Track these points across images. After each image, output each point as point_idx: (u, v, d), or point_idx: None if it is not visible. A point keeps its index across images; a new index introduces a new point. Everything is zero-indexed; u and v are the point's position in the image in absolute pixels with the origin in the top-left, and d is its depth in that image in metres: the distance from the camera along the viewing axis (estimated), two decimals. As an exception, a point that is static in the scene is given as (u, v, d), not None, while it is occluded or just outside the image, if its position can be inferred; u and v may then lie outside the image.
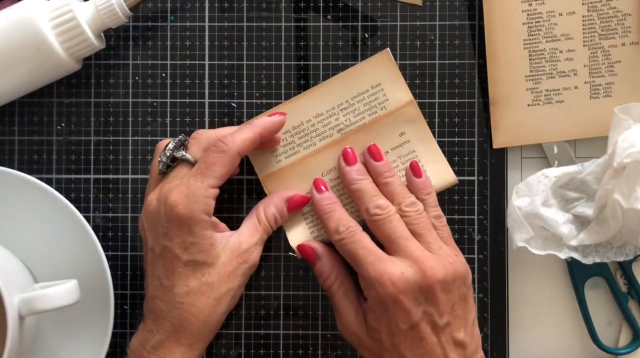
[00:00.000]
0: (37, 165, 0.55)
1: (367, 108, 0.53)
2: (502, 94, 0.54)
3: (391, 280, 0.46)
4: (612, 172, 0.49)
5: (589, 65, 0.53)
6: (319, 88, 0.53)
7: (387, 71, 0.53)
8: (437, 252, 0.48)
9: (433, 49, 0.54)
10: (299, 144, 0.53)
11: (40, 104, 0.55)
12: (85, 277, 0.51)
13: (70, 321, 0.53)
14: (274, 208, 0.51)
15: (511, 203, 0.51)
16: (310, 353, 0.54)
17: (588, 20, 0.53)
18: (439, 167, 0.53)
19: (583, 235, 0.51)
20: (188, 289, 0.47)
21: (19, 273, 0.51)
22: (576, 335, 0.55)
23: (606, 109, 0.53)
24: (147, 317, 0.49)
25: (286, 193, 0.52)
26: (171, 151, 0.49)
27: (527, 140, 0.54)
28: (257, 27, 0.54)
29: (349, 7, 0.54)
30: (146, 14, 0.55)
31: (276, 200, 0.51)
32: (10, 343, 0.45)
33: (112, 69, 0.55)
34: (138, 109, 0.55)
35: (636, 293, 0.53)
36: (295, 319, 0.54)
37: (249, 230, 0.50)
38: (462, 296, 0.48)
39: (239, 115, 0.54)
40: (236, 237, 0.49)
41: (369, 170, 0.51)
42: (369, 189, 0.50)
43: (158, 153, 0.50)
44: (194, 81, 0.55)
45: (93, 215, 0.55)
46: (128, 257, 0.55)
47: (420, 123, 0.53)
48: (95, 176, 0.55)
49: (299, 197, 0.52)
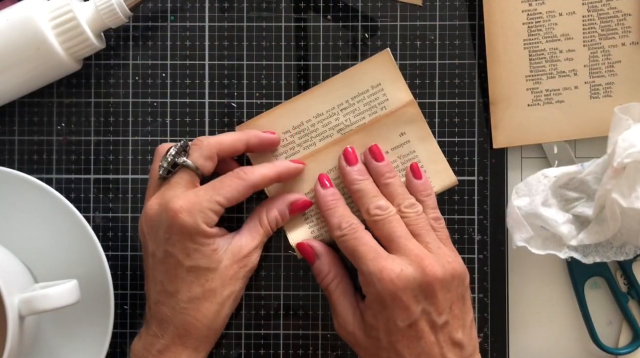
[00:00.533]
0: (37, 165, 0.55)
1: (367, 108, 0.53)
2: (502, 94, 0.54)
3: (390, 276, 0.46)
4: (612, 172, 0.49)
5: (589, 65, 0.53)
6: (319, 88, 0.53)
7: (387, 71, 0.53)
8: (436, 251, 0.48)
9: (433, 49, 0.54)
10: (299, 143, 0.53)
11: (40, 104, 0.55)
12: (85, 277, 0.51)
13: (70, 321, 0.53)
14: (277, 211, 0.51)
15: (511, 203, 0.51)
16: (310, 353, 0.54)
17: (588, 20, 0.53)
18: (439, 167, 0.53)
19: (583, 235, 0.51)
20: (192, 295, 0.48)
21: (19, 273, 0.51)
22: (576, 335, 0.55)
23: (606, 109, 0.53)
24: (150, 321, 0.49)
25: (289, 196, 0.52)
26: (172, 157, 0.49)
27: (527, 140, 0.54)
28: (257, 27, 0.54)
29: (349, 7, 0.54)
30: (146, 14, 0.55)
31: (279, 204, 0.51)
32: (10, 343, 0.45)
33: (112, 69, 0.55)
34: (138, 109, 0.55)
35: (636, 293, 0.53)
36: (295, 319, 0.54)
37: (250, 233, 0.50)
38: (460, 296, 0.48)
39: (239, 115, 0.54)
40: (237, 240, 0.50)
41: (370, 170, 0.51)
42: (369, 190, 0.50)
43: (158, 158, 0.50)
44: (194, 81, 0.55)
45: (93, 215, 0.55)
46: (128, 257, 0.55)
47: (420, 123, 0.53)
48: (95, 176, 0.55)
49: (302, 201, 0.52)
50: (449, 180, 0.53)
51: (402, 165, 0.53)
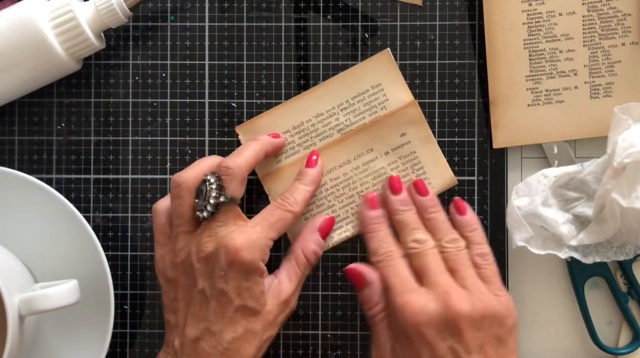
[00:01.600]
0: (37, 165, 0.55)
1: (367, 108, 0.53)
2: (502, 94, 0.54)
3: (413, 311, 0.45)
4: (611, 171, 0.49)
5: (589, 65, 0.53)
6: (319, 88, 0.53)
7: (387, 71, 0.53)
8: (470, 288, 0.46)
9: (433, 49, 0.54)
10: (299, 143, 0.53)
11: (40, 104, 0.55)
12: (85, 277, 0.51)
13: (70, 321, 0.53)
14: (313, 245, 0.51)
15: (511, 203, 0.51)
16: (310, 353, 0.54)
17: (588, 20, 0.53)
18: (439, 168, 0.53)
19: (583, 235, 0.51)
20: (235, 335, 0.47)
21: (19, 273, 0.51)
22: (576, 335, 0.55)
23: (606, 109, 0.53)
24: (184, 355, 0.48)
25: (314, 224, 0.52)
26: (216, 199, 0.47)
27: (527, 140, 0.54)
28: (257, 27, 0.54)
29: (349, 7, 0.54)
30: (146, 14, 0.55)
31: (310, 236, 0.51)
32: (10, 343, 0.45)
33: (112, 69, 0.55)
34: (138, 109, 0.55)
35: (636, 293, 0.53)
36: (295, 319, 0.54)
37: (288, 276, 0.50)
38: (496, 337, 0.46)
39: (239, 115, 0.54)
40: (277, 285, 0.49)
41: (415, 204, 0.50)
42: (410, 221, 0.49)
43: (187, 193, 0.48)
44: (194, 81, 0.55)
45: (93, 215, 0.55)
46: (128, 257, 0.55)
47: (421, 124, 0.53)
48: (95, 176, 0.55)
49: (326, 221, 0.52)
50: (449, 180, 0.53)
51: (403, 165, 0.53)
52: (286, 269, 0.50)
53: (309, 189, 0.51)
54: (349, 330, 0.55)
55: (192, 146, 0.55)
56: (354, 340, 0.55)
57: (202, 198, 0.48)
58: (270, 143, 0.52)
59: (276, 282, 0.49)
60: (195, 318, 0.48)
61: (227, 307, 0.47)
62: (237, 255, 0.46)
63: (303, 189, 0.51)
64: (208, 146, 0.55)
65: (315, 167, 0.52)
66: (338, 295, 0.54)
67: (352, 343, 0.55)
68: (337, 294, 0.54)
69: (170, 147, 0.55)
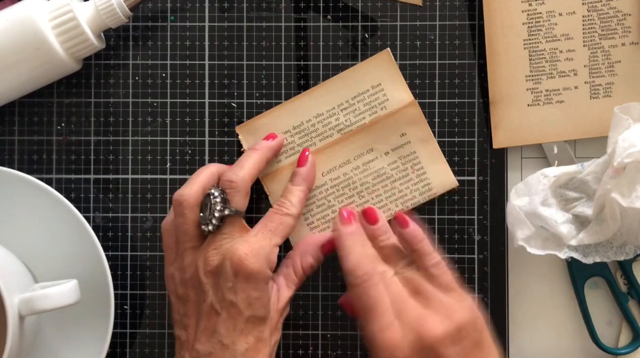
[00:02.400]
0: (37, 165, 0.55)
1: (367, 108, 0.53)
2: (502, 94, 0.54)
3: (389, 347, 0.45)
4: (612, 171, 0.49)
5: (589, 65, 0.53)
6: (319, 88, 0.53)
7: (387, 71, 0.53)
8: (437, 307, 0.46)
9: (433, 49, 0.54)
10: (299, 143, 0.53)
11: (40, 104, 0.55)
12: (85, 277, 0.51)
13: (70, 321, 0.53)
14: (311, 258, 0.50)
15: (510, 202, 0.51)
16: (310, 353, 0.54)
17: (588, 20, 0.53)
18: (440, 169, 0.53)
19: (583, 234, 0.51)
20: (248, 346, 0.47)
21: (19, 273, 0.51)
22: (576, 335, 0.55)
23: (606, 109, 0.53)
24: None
25: (320, 239, 0.51)
26: (220, 212, 0.47)
27: (527, 140, 0.54)
28: (257, 27, 0.54)
29: (349, 7, 0.54)
30: (146, 14, 0.55)
31: (311, 250, 0.51)
32: (10, 343, 0.45)
33: (112, 69, 0.55)
34: (138, 109, 0.55)
35: (636, 293, 0.53)
36: (295, 319, 0.54)
37: (285, 282, 0.50)
38: (474, 343, 0.46)
39: (239, 115, 0.54)
40: (276, 291, 0.49)
41: (366, 232, 0.50)
42: None
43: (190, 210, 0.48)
44: (194, 81, 0.55)
45: (93, 215, 0.55)
46: (128, 257, 0.55)
47: (421, 124, 0.53)
48: (95, 176, 0.55)
49: (331, 244, 0.51)
50: (449, 182, 0.53)
51: (403, 166, 0.53)
52: (284, 275, 0.50)
53: (302, 189, 0.51)
54: (349, 330, 0.55)
55: (192, 146, 0.55)
56: (354, 340, 0.55)
57: (207, 212, 0.48)
58: (270, 148, 0.52)
59: (275, 288, 0.49)
60: (206, 333, 0.47)
61: (238, 319, 0.47)
62: (241, 264, 0.46)
63: (296, 190, 0.51)
64: (208, 146, 0.55)
65: (305, 166, 0.52)
66: (338, 296, 0.54)
67: (352, 343, 0.55)
68: (337, 294, 0.54)
69: (170, 147, 0.55)
